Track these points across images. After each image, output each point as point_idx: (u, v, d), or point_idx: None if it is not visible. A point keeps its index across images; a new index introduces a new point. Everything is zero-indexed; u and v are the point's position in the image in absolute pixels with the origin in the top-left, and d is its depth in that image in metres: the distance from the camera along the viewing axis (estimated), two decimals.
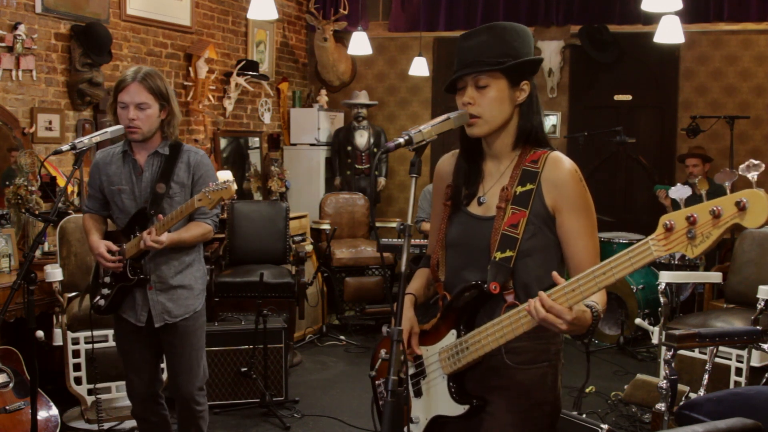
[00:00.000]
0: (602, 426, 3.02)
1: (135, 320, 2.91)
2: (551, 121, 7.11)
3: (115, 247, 2.86)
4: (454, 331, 1.86)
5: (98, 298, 2.95)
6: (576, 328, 1.63)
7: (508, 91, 1.85)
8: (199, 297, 3.00)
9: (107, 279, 2.93)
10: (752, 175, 4.75)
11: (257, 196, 6.67)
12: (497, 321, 1.74)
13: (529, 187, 1.83)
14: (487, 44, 1.83)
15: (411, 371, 1.97)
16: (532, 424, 1.87)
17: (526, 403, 1.86)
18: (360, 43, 6.57)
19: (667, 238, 1.43)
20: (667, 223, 1.43)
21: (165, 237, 2.74)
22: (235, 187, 2.70)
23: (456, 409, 1.86)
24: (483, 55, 1.82)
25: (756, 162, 4.78)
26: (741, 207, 1.33)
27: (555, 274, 1.63)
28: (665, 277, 4.20)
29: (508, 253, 1.80)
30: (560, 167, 1.83)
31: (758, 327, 3.30)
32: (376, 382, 2.10)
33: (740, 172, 4.85)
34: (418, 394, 1.96)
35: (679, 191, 4.99)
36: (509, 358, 1.86)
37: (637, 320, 4.92)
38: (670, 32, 5.63)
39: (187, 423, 3.05)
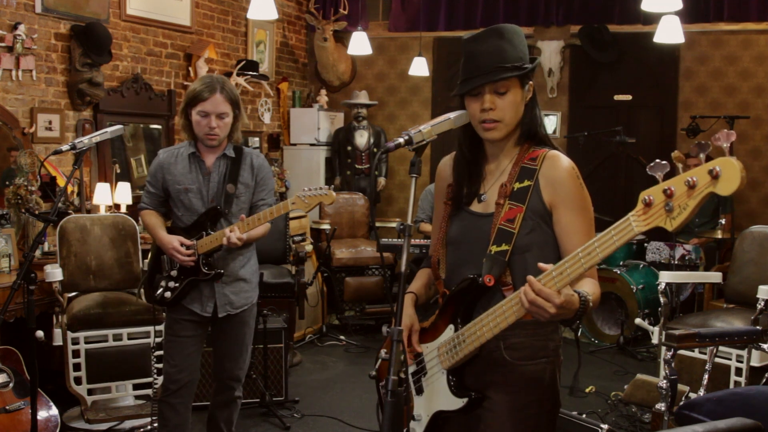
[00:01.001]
0: (602, 426, 3.02)
1: (201, 311, 3.04)
2: (551, 121, 7.11)
3: (188, 242, 2.98)
4: (451, 326, 1.87)
5: (161, 290, 3.07)
6: (564, 311, 1.62)
7: (522, 93, 1.89)
8: (255, 289, 3.19)
9: (174, 272, 3.05)
10: (725, 145, 4.76)
11: None
12: (491, 311, 1.75)
13: (526, 183, 1.85)
14: (502, 49, 1.84)
15: (412, 369, 1.99)
16: (531, 420, 1.88)
17: (525, 399, 1.88)
18: (360, 43, 6.57)
19: (646, 212, 1.44)
20: (646, 198, 1.43)
21: (245, 236, 2.91)
22: (335, 194, 2.89)
23: (455, 403, 1.88)
24: (501, 61, 1.84)
25: (728, 131, 4.79)
26: (714, 175, 1.33)
27: (541, 264, 1.64)
28: (665, 277, 4.20)
29: (504, 247, 1.82)
30: (558, 165, 1.86)
31: (758, 327, 3.30)
32: (380, 383, 2.11)
33: (714, 143, 4.85)
34: (420, 391, 1.97)
35: (657, 167, 4.99)
36: (508, 354, 1.88)
37: (637, 320, 4.92)
38: (670, 32, 5.64)
39: (223, 405, 3.18)
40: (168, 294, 3.05)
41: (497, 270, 1.81)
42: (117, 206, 4.89)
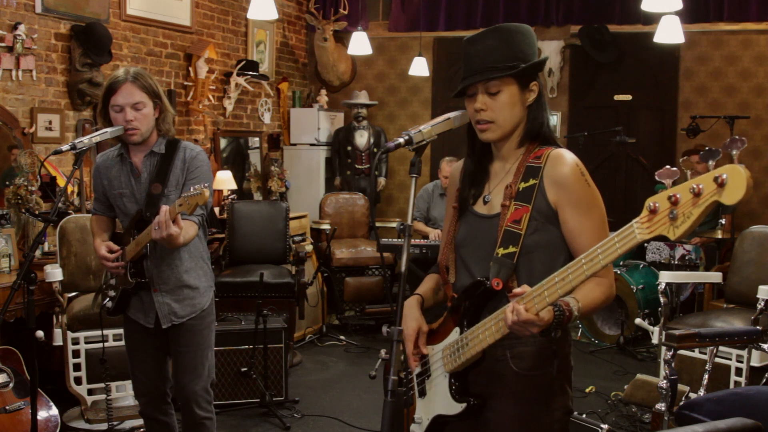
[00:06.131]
0: (602, 426, 3.02)
1: (144, 322, 2.89)
2: (551, 121, 7.10)
3: (115, 247, 2.82)
4: (457, 329, 1.84)
5: (107, 299, 2.95)
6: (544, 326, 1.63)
7: (519, 94, 1.85)
8: (205, 295, 2.94)
9: (113, 281, 2.92)
10: (734, 153, 4.77)
11: (257, 196, 6.67)
12: (495, 315, 1.72)
13: (531, 182, 1.82)
14: (495, 49, 1.81)
15: (417, 371, 1.96)
16: (542, 429, 1.85)
17: (534, 409, 1.84)
18: (360, 43, 6.57)
19: (651, 220, 1.40)
20: (651, 204, 1.39)
21: (175, 230, 2.55)
22: (207, 192, 2.50)
23: (453, 408, 1.84)
24: (492, 61, 1.80)
25: (738, 138, 4.80)
26: (720, 183, 1.28)
27: (516, 290, 1.63)
28: (665, 277, 4.19)
29: (511, 249, 1.78)
30: (561, 163, 1.82)
31: (758, 327, 3.30)
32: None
33: (723, 150, 4.85)
34: (422, 393, 1.95)
35: (666, 173, 4.94)
36: (515, 364, 1.83)
37: (637, 320, 4.91)
38: (670, 32, 5.64)
39: (190, 429, 2.95)
40: (110, 304, 2.91)
41: (505, 273, 1.77)
42: None
